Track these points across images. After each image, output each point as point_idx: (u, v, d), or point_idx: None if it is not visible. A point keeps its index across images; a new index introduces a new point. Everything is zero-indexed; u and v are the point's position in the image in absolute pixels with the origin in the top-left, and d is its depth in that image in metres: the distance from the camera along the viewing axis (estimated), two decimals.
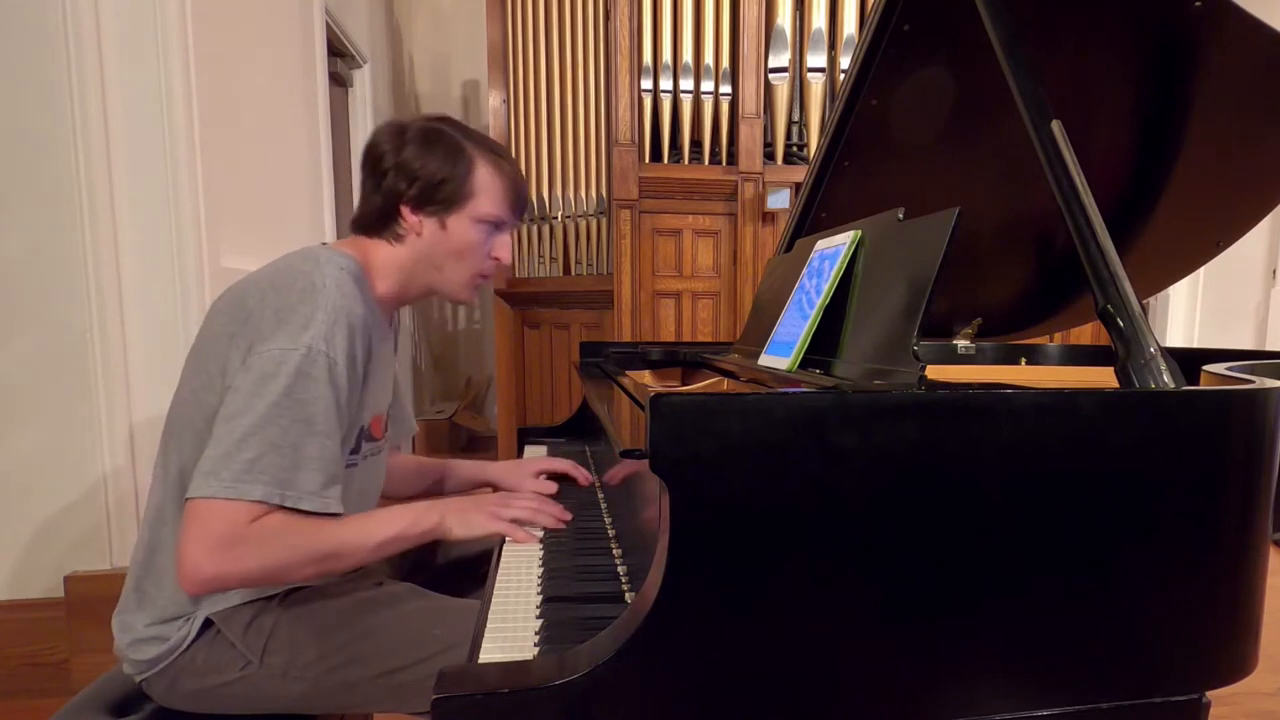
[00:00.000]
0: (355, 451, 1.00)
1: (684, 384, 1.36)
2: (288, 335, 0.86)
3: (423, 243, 1.01)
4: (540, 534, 0.97)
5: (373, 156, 1.01)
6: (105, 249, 1.69)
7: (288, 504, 0.85)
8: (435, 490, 1.33)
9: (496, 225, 1.03)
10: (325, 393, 0.87)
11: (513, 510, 0.99)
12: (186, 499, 0.85)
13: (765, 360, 1.08)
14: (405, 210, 0.99)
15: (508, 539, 0.97)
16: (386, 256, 1.02)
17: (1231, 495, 0.64)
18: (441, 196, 0.99)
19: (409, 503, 1.00)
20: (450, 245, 1.01)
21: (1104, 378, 1.11)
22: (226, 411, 0.85)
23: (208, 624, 0.92)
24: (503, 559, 0.91)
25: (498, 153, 1.04)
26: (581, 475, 1.20)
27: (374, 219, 1.02)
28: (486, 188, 1.01)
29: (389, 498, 1.21)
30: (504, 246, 1.05)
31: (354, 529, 0.92)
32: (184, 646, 0.91)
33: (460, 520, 0.96)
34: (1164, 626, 0.63)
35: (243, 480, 0.83)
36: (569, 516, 1.00)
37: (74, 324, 1.69)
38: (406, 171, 0.98)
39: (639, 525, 0.82)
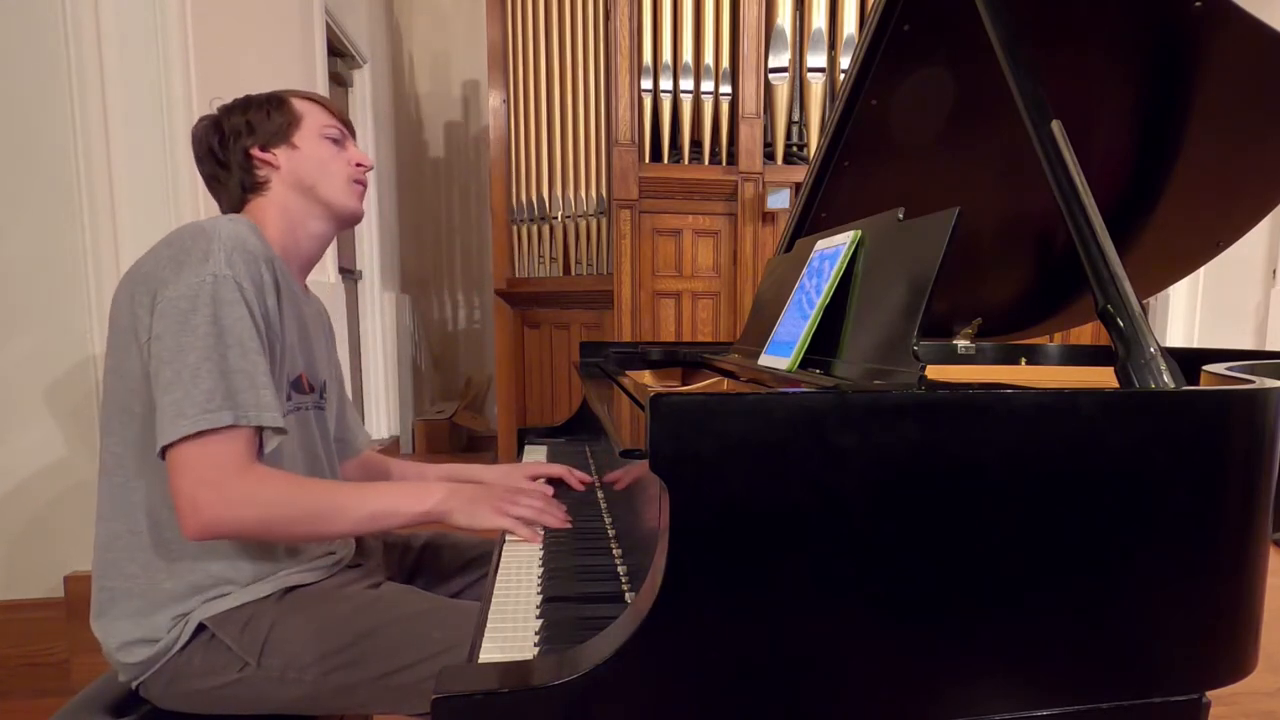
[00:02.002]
0: (288, 399, 0.99)
1: (684, 384, 1.36)
2: (191, 272, 0.88)
3: (285, 172, 1.05)
4: (541, 534, 0.97)
5: (206, 149, 1.06)
6: (105, 249, 1.69)
7: (255, 423, 0.87)
8: None
9: (338, 140, 1.09)
10: (243, 313, 0.89)
11: (519, 508, 0.99)
12: (162, 448, 0.85)
13: (765, 360, 1.08)
14: (256, 153, 1.04)
15: (508, 537, 0.97)
16: (265, 207, 1.05)
17: (1231, 495, 0.64)
18: (276, 127, 1.05)
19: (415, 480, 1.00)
20: (309, 159, 1.06)
21: (1104, 378, 1.11)
22: (163, 356, 0.86)
23: (202, 626, 0.92)
24: (503, 559, 0.91)
25: (300, 90, 1.12)
26: (576, 480, 1.19)
27: (237, 188, 1.06)
28: (307, 111, 1.08)
29: None
30: (358, 153, 1.11)
31: (351, 492, 0.94)
32: (177, 648, 0.91)
33: (464, 509, 0.97)
34: (1164, 626, 0.63)
35: (209, 411, 0.84)
36: (571, 519, 1.01)
37: (74, 324, 1.69)
38: (240, 129, 1.04)
39: (639, 525, 0.82)
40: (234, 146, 1.04)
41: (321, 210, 1.07)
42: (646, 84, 3.15)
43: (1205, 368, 0.81)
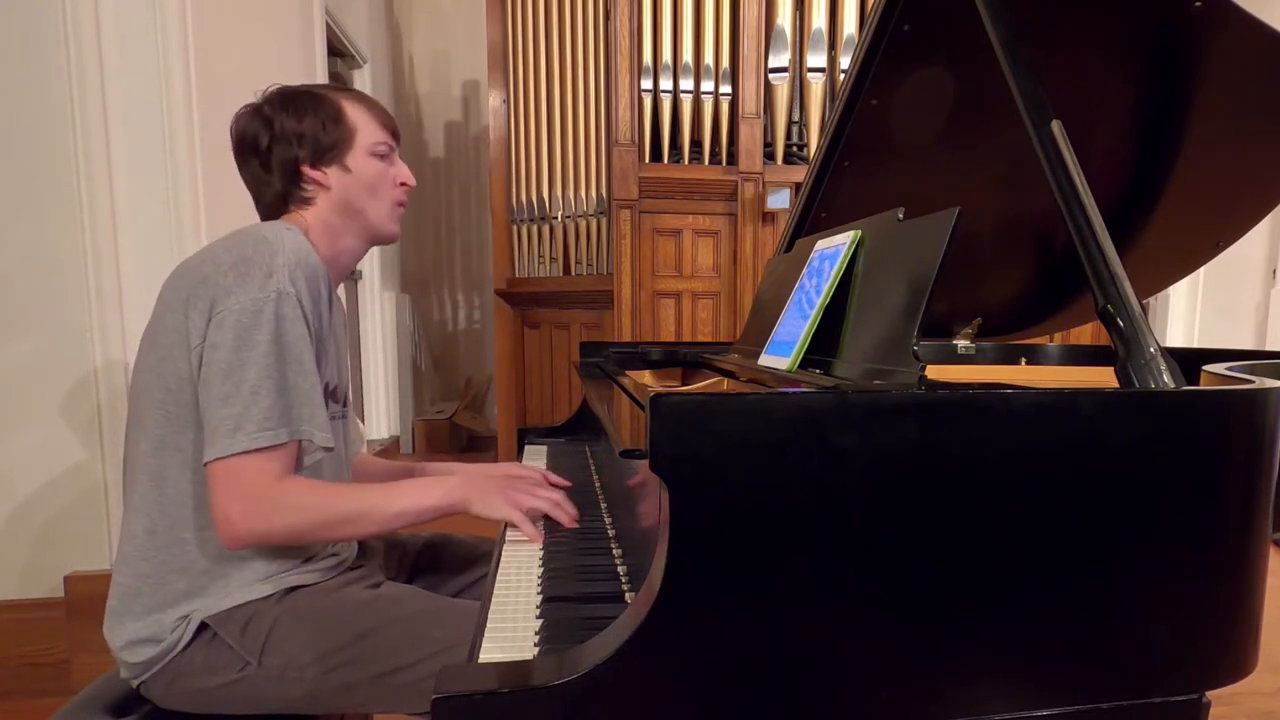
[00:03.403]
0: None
1: (684, 384, 1.36)
2: (255, 285, 0.88)
3: (335, 194, 1.03)
4: (542, 534, 0.97)
5: (249, 144, 1.02)
6: (105, 249, 1.69)
7: (308, 438, 0.90)
8: None
9: (386, 154, 1.06)
10: (303, 331, 0.91)
11: (533, 500, 1.00)
12: (214, 460, 0.86)
13: (765, 360, 1.08)
14: (306, 170, 1.02)
15: (508, 536, 0.97)
16: (306, 220, 1.03)
17: (1231, 495, 0.64)
18: (331, 143, 1.02)
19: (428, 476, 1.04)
20: (361, 184, 1.04)
21: (1104, 378, 1.11)
22: (219, 368, 0.87)
23: (204, 626, 0.92)
24: (503, 559, 0.91)
25: (346, 89, 1.09)
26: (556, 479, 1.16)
27: (278, 197, 1.03)
28: (361, 122, 1.04)
29: None
30: (405, 172, 1.09)
31: (376, 495, 0.96)
32: (179, 648, 0.91)
33: (481, 499, 0.99)
34: (1164, 626, 0.63)
35: (267, 428, 0.87)
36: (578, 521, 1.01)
37: (74, 324, 1.69)
38: (290, 137, 1.00)
39: (639, 525, 0.82)
40: (283, 154, 1.01)
41: (362, 230, 1.06)
42: (646, 84, 3.15)
43: (1205, 368, 0.81)
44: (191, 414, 0.91)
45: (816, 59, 3.16)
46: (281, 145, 1.00)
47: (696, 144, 3.26)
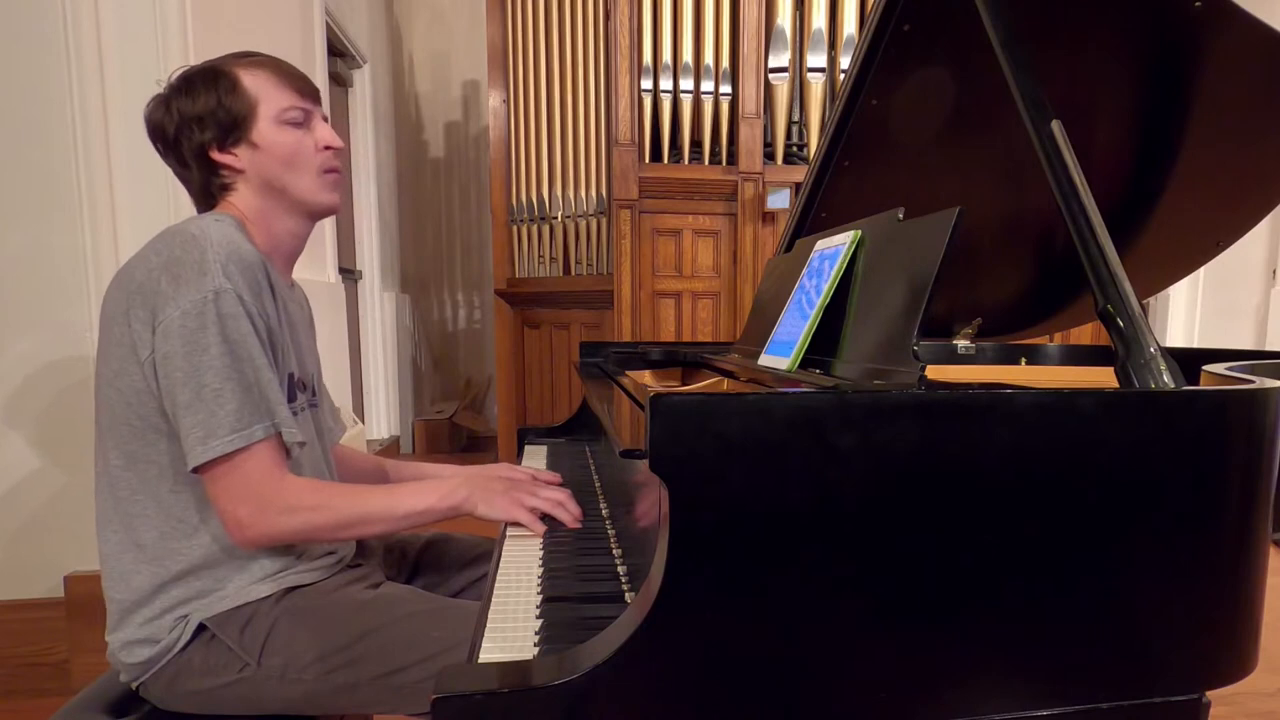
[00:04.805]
0: (292, 400, 0.99)
1: (684, 384, 1.36)
2: (191, 287, 0.86)
3: (251, 174, 0.98)
4: (544, 526, 0.98)
5: (159, 135, 0.99)
6: (105, 249, 1.69)
7: (279, 432, 0.90)
8: None
9: (300, 120, 0.99)
10: (248, 326, 0.89)
11: (536, 500, 1.00)
12: (195, 469, 0.86)
13: (765, 360, 1.08)
14: (215, 155, 0.97)
15: (508, 534, 0.97)
16: (237, 207, 1.00)
17: (1231, 495, 0.64)
18: (230, 121, 0.96)
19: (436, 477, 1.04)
20: (273, 158, 0.98)
21: (1104, 378, 1.11)
22: (177, 378, 0.86)
23: (202, 627, 0.92)
24: (503, 559, 0.91)
25: (247, 55, 1.01)
26: (548, 477, 1.17)
27: (201, 188, 1.00)
28: (263, 90, 0.97)
29: None
30: (326, 134, 1.02)
31: (382, 497, 0.97)
32: (177, 648, 0.91)
33: (485, 500, 0.99)
34: (1164, 626, 0.63)
35: (239, 429, 0.86)
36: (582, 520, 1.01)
37: (73, 323, 1.69)
38: (189, 121, 0.96)
39: (639, 525, 0.82)
40: (189, 143, 0.96)
41: (293, 207, 1.01)
42: (646, 84, 3.15)
43: (1205, 368, 0.81)
44: (157, 425, 0.90)
45: (816, 59, 3.16)
46: (186, 132, 0.96)
47: (696, 144, 3.26)
